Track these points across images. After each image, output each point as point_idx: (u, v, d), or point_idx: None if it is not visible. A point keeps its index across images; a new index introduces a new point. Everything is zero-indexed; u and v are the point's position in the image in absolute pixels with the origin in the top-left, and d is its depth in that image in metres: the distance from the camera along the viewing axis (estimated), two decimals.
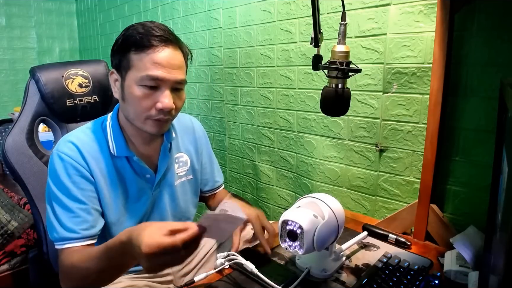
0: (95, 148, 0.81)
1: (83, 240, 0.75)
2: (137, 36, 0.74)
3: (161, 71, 0.73)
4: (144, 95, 0.74)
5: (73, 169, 0.77)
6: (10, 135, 0.97)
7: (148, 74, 0.73)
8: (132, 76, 0.75)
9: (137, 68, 0.74)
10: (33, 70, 1.04)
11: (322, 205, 0.77)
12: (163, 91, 0.75)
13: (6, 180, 2.32)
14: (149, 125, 0.78)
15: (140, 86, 0.74)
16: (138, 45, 0.73)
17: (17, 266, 1.33)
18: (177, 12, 1.87)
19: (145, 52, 0.73)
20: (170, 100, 0.75)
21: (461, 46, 0.90)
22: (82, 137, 0.81)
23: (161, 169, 0.87)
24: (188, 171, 0.97)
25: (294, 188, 1.44)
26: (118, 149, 0.81)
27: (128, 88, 0.76)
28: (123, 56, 0.76)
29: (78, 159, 0.78)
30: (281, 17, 1.34)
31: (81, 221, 0.76)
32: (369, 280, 0.75)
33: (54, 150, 0.79)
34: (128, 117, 0.80)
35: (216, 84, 1.71)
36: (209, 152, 1.05)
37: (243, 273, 0.79)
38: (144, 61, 0.73)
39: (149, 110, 0.75)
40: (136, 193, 0.85)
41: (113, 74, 0.81)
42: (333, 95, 0.73)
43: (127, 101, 0.77)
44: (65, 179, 0.76)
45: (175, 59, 0.76)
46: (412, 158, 1.04)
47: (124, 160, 0.83)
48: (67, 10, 3.19)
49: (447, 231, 0.92)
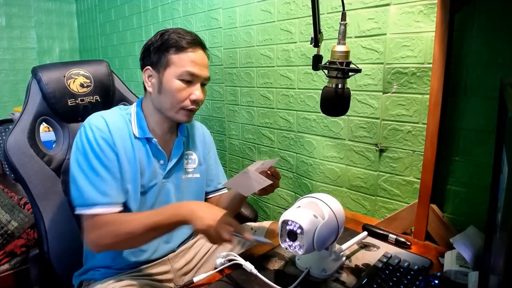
0: (121, 127, 0.89)
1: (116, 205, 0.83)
2: (177, 39, 0.87)
3: (196, 68, 0.87)
4: (182, 88, 0.87)
5: (102, 140, 0.84)
6: (11, 134, 0.97)
7: (187, 70, 0.86)
8: (171, 72, 0.87)
9: (177, 65, 0.86)
10: (35, 70, 1.04)
11: (322, 205, 0.77)
12: (196, 85, 0.88)
13: (6, 180, 2.32)
14: (182, 114, 0.89)
15: (179, 80, 0.87)
16: (177, 47, 0.87)
17: (17, 266, 1.33)
18: (177, 12, 1.87)
19: (184, 52, 0.87)
20: (201, 93, 0.89)
21: (461, 46, 0.90)
22: (110, 116, 0.89)
23: (173, 158, 0.95)
24: (196, 169, 1.02)
25: (294, 188, 1.44)
26: (140, 131, 0.90)
27: (167, 82, 0.87)
28: (162, 56, 0.87)
29: (107, 134, 0.85)
30: (281, 17, 1.34)
31: (113, 186, 0.83)
32: (369, 280, 0.75)
33: (85, 122, 0.86)
34: (162, 107, 0.90)
35: (216, 84, 1.71)
36: (215, 156, 1.13)
37: (243, 273, 0.79)
38: (183, 59, 0.87)
39: (184, 101, 0.88)
40: (149, 175, 0.90)
41: (148, 71, 0.91)
42: (333, 95, 0.73)
43: (165, 93, 0.88)
44: (96, 147, 0.83)
45: (205, 59, 0.91)
46: (412, 158, 1.04)
47: (143, 142, 0.90)
48: (67, 10, 3.19)
49: (447, 231, 0.92)
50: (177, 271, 0.95)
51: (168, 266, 0.94)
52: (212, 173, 1.09)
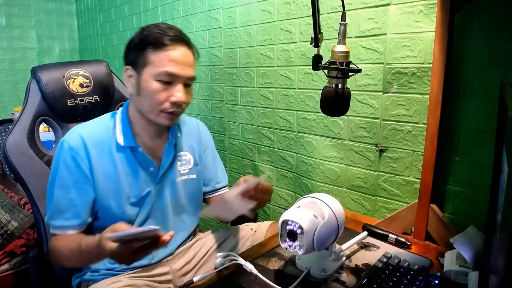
0: (101, 141, 0.85)
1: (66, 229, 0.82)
2: (156, 35, 0.80)
3: (176, 67, 0.80)
4: (160, 89, 0.80)
5: (72, 160, 0.82)
6: (11, 134, 0.97)
7: (165, 70, 0.79)
8: (149, 72, 0.81)
9: (155, 65, 0.80)
10: (34, 70, 1.04)
11: (322, 205, 0.77)
12: (177, 86, 0.82)
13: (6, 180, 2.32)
14: (162, 117, 0.83)
15: (156, 81, 0.80)
16: (155, 44, 0.80)
17: (17, 266, 1.33)
18: (177, 12, 1.87)
19: (162, 50, 0.80)
20: (183, 94, 0.82)
21: (461, 46, 0.90)
22: (90, 129, 0.86)
23: (164, 163, 0.91)
24: (191, 170, 0.98)
25: (294, 188, 1.44)
26: (125, 139, 0.86)
27: (145, 83, 0.81)
28: (140, 54, 0.81)
29: (81, 151, 0.82)
30: (281, 17, 1.34)
31: (66, 211, 0.82)
32: (369, 280, 0.75)
33: (62, 139, 0.84)
34: (141, 110, 0.85)
35: (216, 84, 1.71)
36: (213, 154, 1.08)
37: (243, 273, 0.79)
38: (161, 58, 0.80)
39: (163, 103, 0.81)
40: (139, 185, 0.88)
41: (128, 70, 0.85)
42: (333, 95, 0.73)
43: (143, 94, 0.82)
44: (61, 168, 0.82)
45: (188, 57, 0.83)
46: (412, 158, 1.04)
47: (129, 151, 0.87)
48: (67, 10, 3.18)
49: (447, 231, 0.92)
50: (176, 272, 0.95)
51: (167, 268, 0.94)
52: (209, 172, 1.05)
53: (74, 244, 0.77)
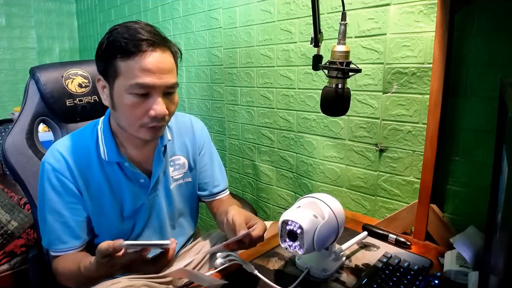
0: (84, 156, 0.79)
1: (65, 250, 0.80)
2: (122, 41, 0.68)
3: (151, 77, 0.69)
4: (135, 103, 0.70)
5: (57, 181, 0.78)
6: (10, 135, 0.97)
7: (138, 82, 0.68)
8: (120, 84, 0.70)
9: (125, 76, 0.69)
10: (32, 70, 1.04)
11: (322, 205, 0.77)
12: (154, 98, 0.71)
13: (6, 180, 2.32)
14: (143, 133, 0.74)
15: (130, 94, 0.70)
16: (124, 52, 0.68)
17: (17, 266, 1.33)
18: (177, 12, 1.87)
19: (132, 59, 0.68)
20: (162, 107, 0.71)
21: (461, 46, 0.89)
22: (71, 146, 0.79)
23: (155, 173, 0.85)
24: (186, 174, 0.95)
25: (294, 188, 1.44)
26: (109, 154, 0.79)
27: (118, 97, 0.72)
28: (109, 63, 0.71)
29: (64, 171, 0.77)
30: (281, 17, 1.34)
31: (61, 233, 0.79)
32: (369, 280, 0.75)
33: (43, 158, 0.80)
34: (120, 124, 0.77)
35: (216, 84, 1.71)
36: (210, 153, 1.00)
37: (243, 273, 0.79)
38: (132, 68, 0.68)
39: (142, 118, 0.72)
40: (131, 199, 0.84)
41: (100, 81, 0.76)
42: (333, 95, 0.73)
43: (118, 109, 0.73)
44: (48, 191, 0.78)
45: (165, 62, 0.71)
46: (412, 158, 1.04)
47: (115, 166, 0.81)
48: (67, 10, 3.18)
49: (447, 231, 0.92)
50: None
51: (167, 270, 0.93)
52: (206, 174, 0.97)
53: (73, 266, 0.74)
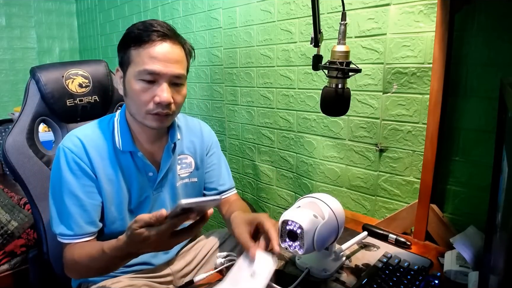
0: (100, 144, 0.82)
1: (81, 237, 0.78)
2: (136, 31, 0.76)
3: (158, 65, 0.75)
4: (143, 89, 0.76)
5: (75, 164, 0.79)
6: (10, 135, 0.97)
7: (145, 68, 0.74)
8: (131, 71, 0.77)
9: (136, 63, 0.76)
10: (33, 70, 1.04)
11: (322, 205, 0.77)
12: (160, 85, 0.76)
13: (6, 180, 2.32)
14: (149, 120, 0.79)
15: (138, 80, 0.76)
16: (136, 41, 0.75)
17: (17, 266, 1.33)
18: (177, 12, 1.87)
19: (142, 47, 0.75)
20: (168, 94, 0.76)
21: (461, 46, 0.90)
22: (88, 133, 0.83)
23: (163, 168, 0.88)
24: (192, 173, 0.96)
25: (294, 188, 1.44)
26: (124, 143, 0.83)
27: (128, 83, 0.78)
28: (124, 53, 0.78)
29: (82, 155, 0.80)
30: (281, 17, 1.34)
31: (78, 217, 0.78)
32: (369, 280, 0.75)
33: (60, 144, 0.81)
34: (131, 112, 0.82)
35: (216, 84, 1.71)
36: (218, 155, 1.03)
37: None
38: (142, 55, 0.75)
39: (148, 104, 0.77)
40: (138, 190, 0.86)
41: (118, 72, 0.82)
42: (333, 95, 0.73)
43: (129, 96, 0.79)
44: (66, 174, 0.78)
45: (173, 53, 0.77)
46: (412, 158, 1.04)
47: (128, 155, 0.84)
48: (67, 10, 3.18)
49: (447, 231, 0.92)
50: (177, 273, 0.95)
51: (168, 269, 0.94)
52: (213, 173, 1.00)
53: (93, 251, 0.72)
